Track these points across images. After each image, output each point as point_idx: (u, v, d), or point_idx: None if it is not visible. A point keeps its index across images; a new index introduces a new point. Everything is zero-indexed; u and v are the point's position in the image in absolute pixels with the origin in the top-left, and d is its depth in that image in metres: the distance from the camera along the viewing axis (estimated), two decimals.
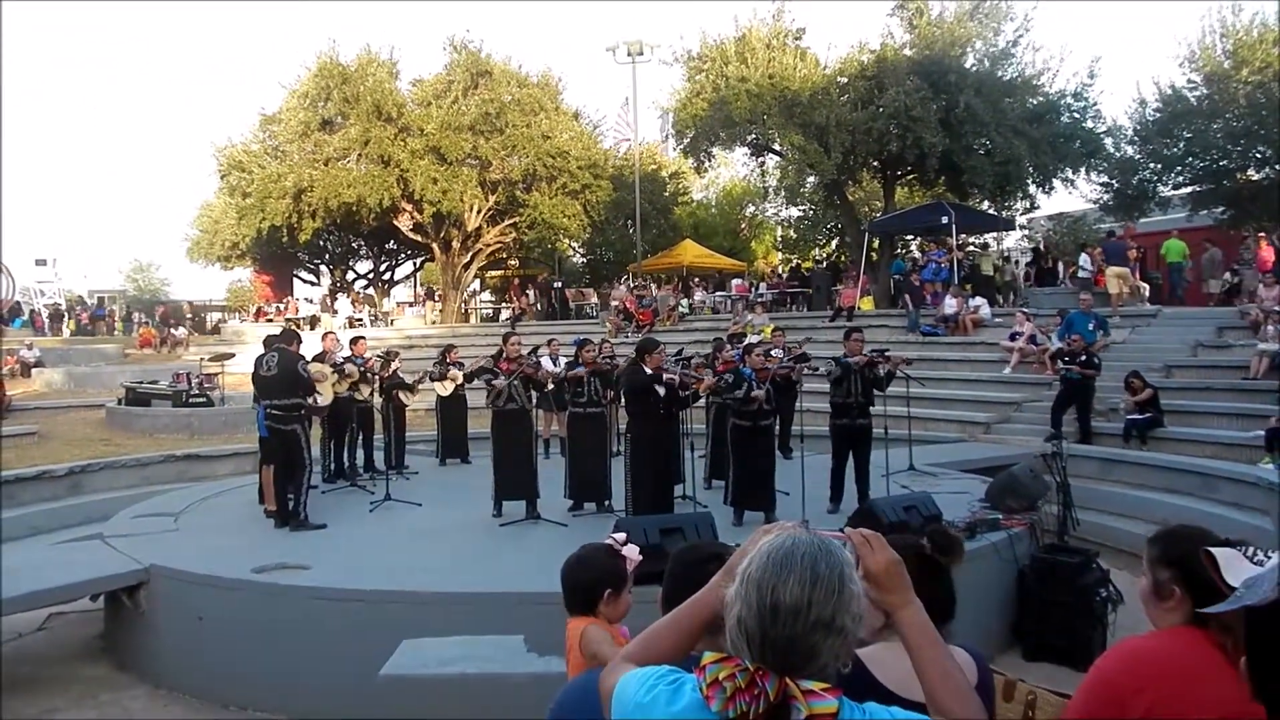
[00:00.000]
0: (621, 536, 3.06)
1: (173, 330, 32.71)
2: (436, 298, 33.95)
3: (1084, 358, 14.04)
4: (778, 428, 10.09)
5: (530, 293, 31.83)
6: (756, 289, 28.19)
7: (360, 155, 27.28)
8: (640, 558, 3.06)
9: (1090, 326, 15.77)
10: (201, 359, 21.80)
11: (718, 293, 28.52)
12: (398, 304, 34.41)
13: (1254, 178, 23.47)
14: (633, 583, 3.09)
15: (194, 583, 7.46)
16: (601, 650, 2.89)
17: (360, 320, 31.04)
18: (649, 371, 8.76)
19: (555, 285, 31.45)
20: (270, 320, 31.10)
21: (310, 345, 14.19)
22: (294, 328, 11.49)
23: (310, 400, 9.87)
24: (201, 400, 18.72)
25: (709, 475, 11.34)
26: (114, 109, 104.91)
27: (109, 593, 7.83)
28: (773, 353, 12.15)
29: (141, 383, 20.03)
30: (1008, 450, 13.40)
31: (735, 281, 28.57)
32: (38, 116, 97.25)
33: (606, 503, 9.74)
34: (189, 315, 37.56)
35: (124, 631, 7.94)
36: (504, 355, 9.83)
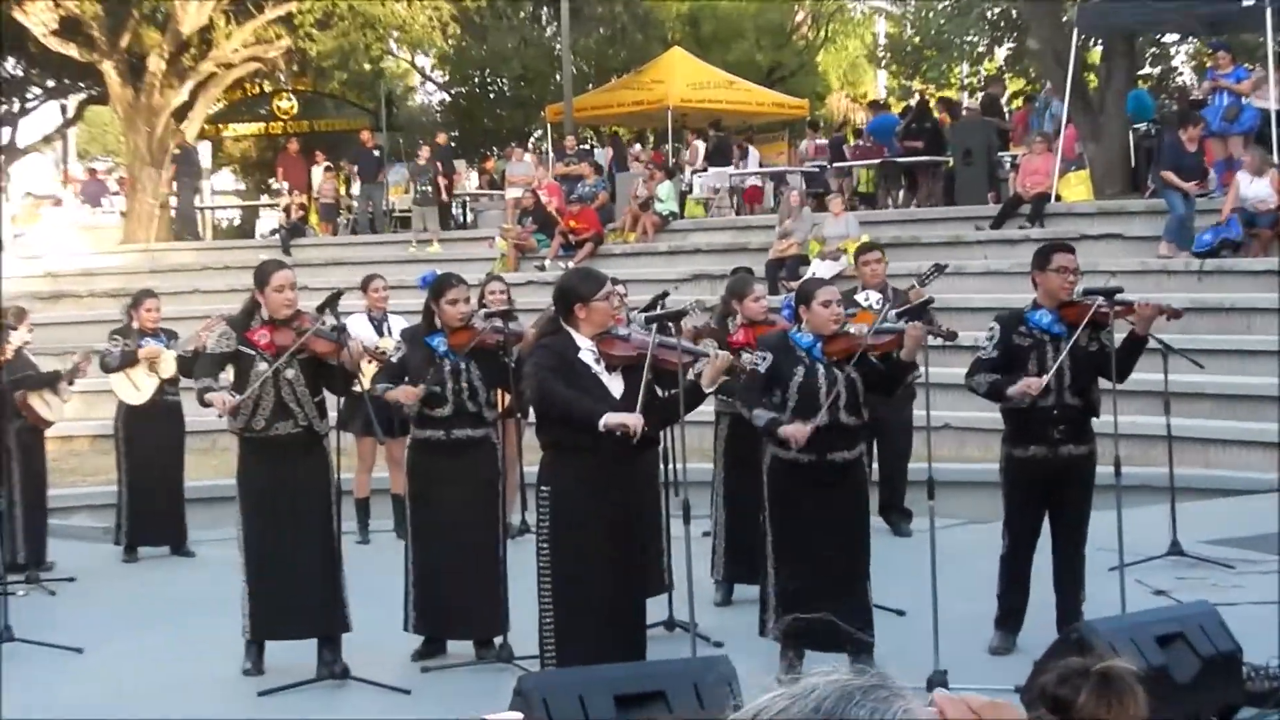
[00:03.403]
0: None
1: None
2: (116, 185, 33.65)
3: None
4: (874, 467, 10.11)
5: (325, 172, 31.71)
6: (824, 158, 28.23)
7: None
8: None
9: None
10: None
11: (729, 169, 28.55)
12: (29, 197, 34.12)
13: None
14: None
15: None
16: None
17: None
18: (584, 346, 8.69)
19: (392, 154, 31.32)
20: None
21: None
22: None
23: None
24: None
25: (725, 574, 11.34)
26: None
27: None
28: (866, 301, 12.12)
29: None
30: None
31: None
32: None
33: (498, 641, 9.77)
34: None
35: None
36: (263, 314, 9.80)
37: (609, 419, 8.21)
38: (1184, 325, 13.00)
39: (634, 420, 8.21)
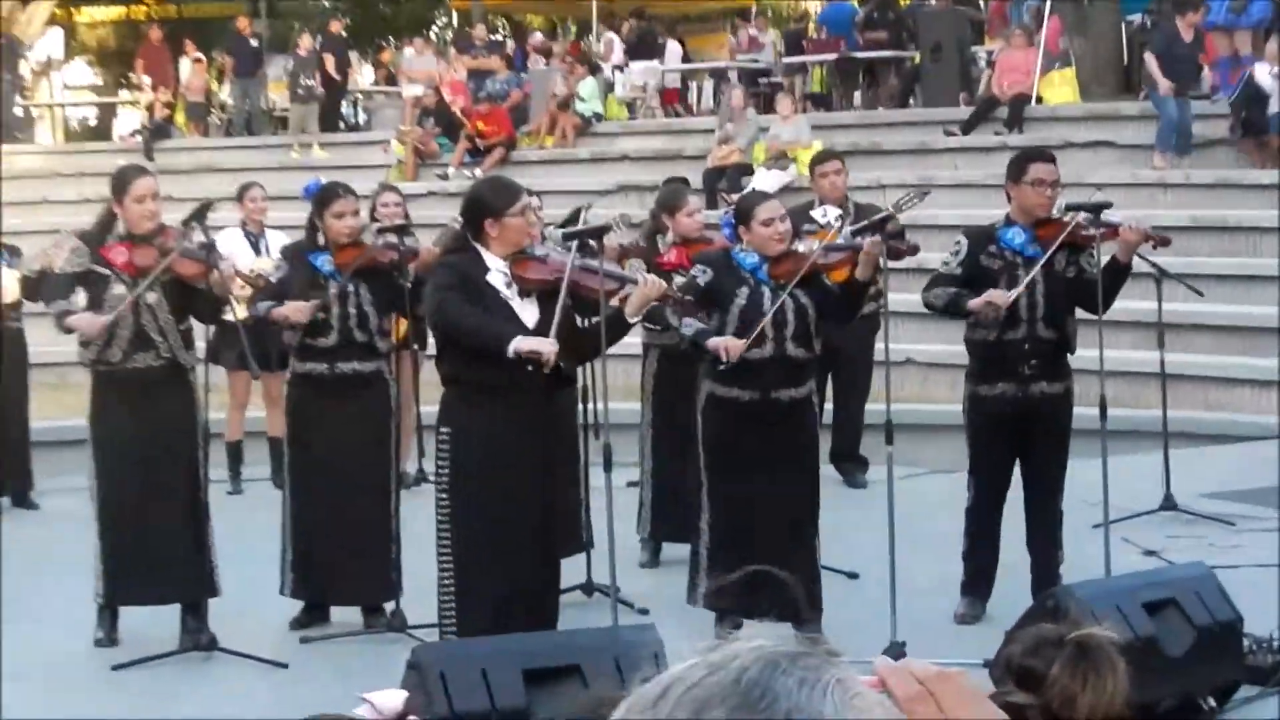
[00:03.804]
0: (390, 702, 3.08)
1: None
2: None
3: None
4: (827, 407, 10.11)
5: (194, 64, 31.44)
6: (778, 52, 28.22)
7: None
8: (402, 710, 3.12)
9: None
10: None
11: (657, 64, 28.50)
12: None
13: None
14: None
15: None
16: None
17: None
18: (495, 267, 8.64)
19: (272, 45, 31.14)
20: None
21: None
22: None
23: None
24: None
25: (652, 530, 11.42)
26: None
27: None
28: (825, 218, 12.15)
29: None
30: None
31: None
32: None
33: (390, 608, 9.78)
34: None
35: None
36: (121, 228, 9.70)
37: (519, 343, 8.16)
38: (1181, 247, 13.05)
39: (548, 347, 8.16)
